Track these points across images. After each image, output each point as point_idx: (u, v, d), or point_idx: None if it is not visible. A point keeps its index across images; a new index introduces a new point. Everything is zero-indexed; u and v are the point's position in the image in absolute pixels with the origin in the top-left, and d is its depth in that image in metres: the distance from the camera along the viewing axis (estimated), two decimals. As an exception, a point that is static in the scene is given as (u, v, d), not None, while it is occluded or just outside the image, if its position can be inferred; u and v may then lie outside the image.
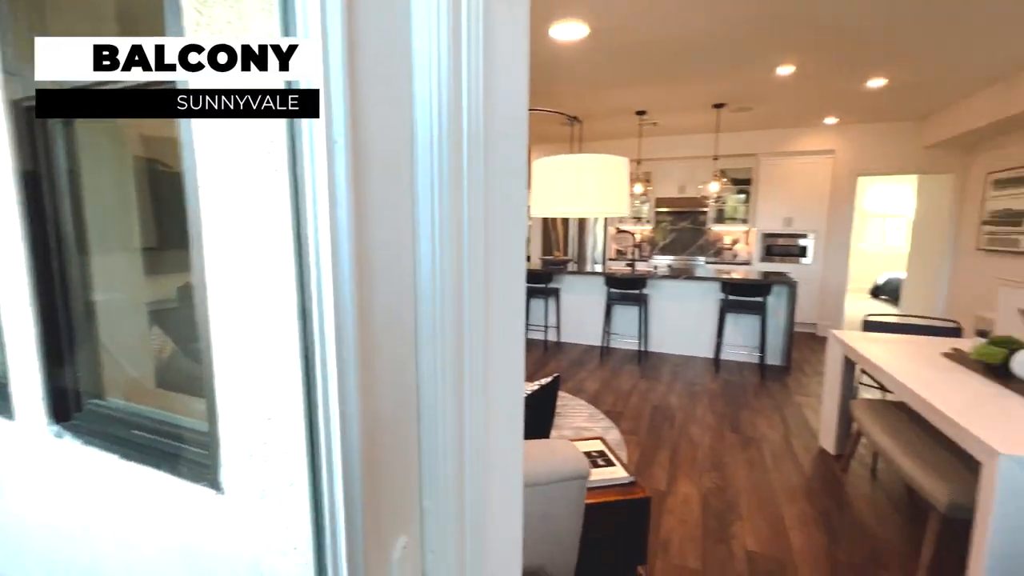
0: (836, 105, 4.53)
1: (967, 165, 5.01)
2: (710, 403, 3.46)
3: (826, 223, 5.60)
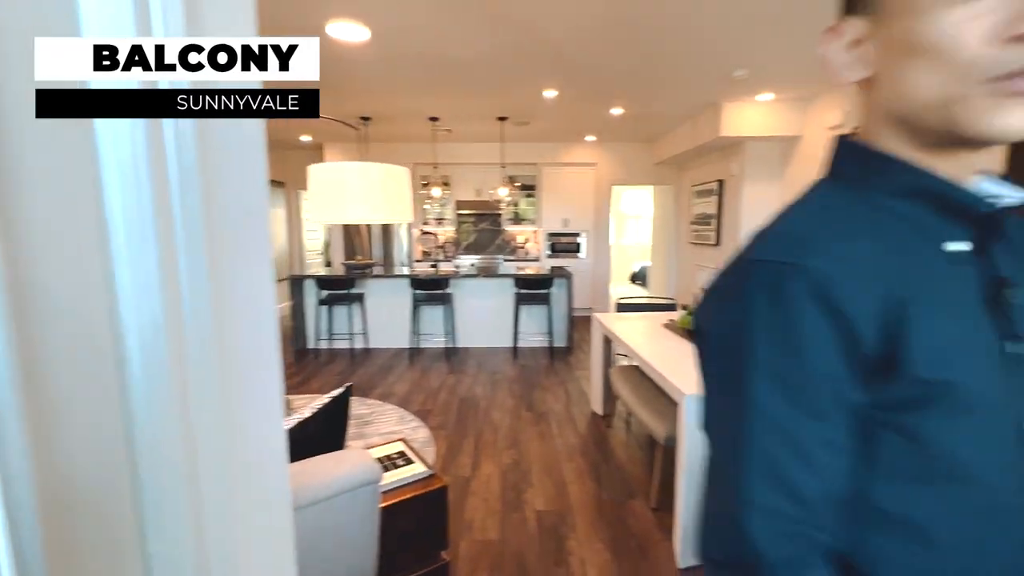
0: (592, 126, 5.47)
1: (680, 178, 6.62)
2: (509, 388, 3.84)
3: (593, 223, 6.72)
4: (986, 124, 0.38)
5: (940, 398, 0.39)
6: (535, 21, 2.58)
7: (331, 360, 4.62)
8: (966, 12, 0.36)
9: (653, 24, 2.62)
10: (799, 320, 0.40)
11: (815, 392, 0.40)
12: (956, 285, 0.41)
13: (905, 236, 0.42)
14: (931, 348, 0.39)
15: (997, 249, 0.42)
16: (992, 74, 0.36)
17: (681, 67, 3.36)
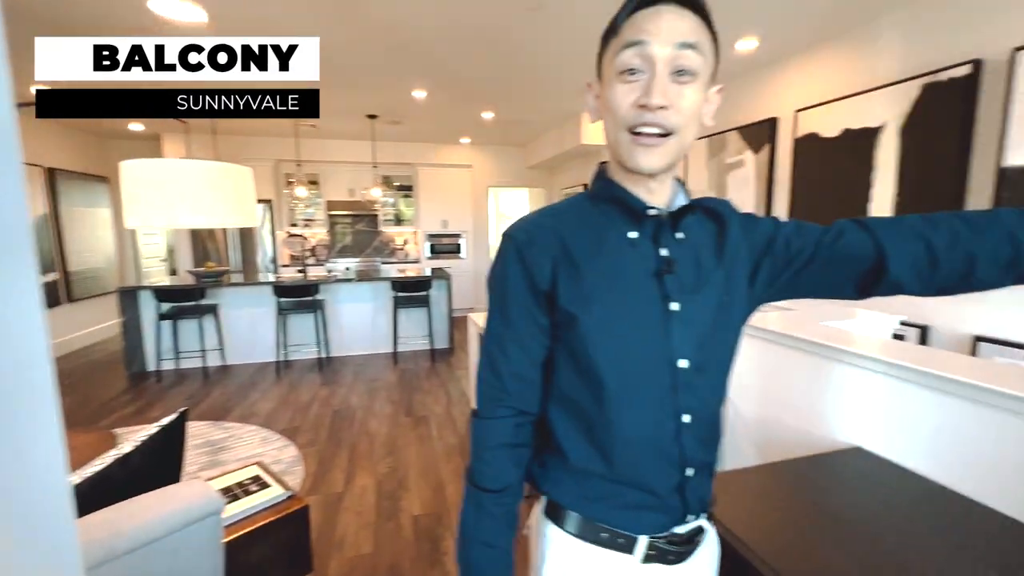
0: (466, 128, 5.54)
1: (551, 182, 7.02)
2: (388, 395, 3.73)
3: (472, 224, 6.82)
4: (631, 160, 0.60)
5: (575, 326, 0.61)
6: (397, 21, 2.54)
7: (178, 382, 4.04)
8: (623, 88, 0.58)
9: (512, 37, 2.75)
10: (508, 269, 0.65)
11: (515, 314, 0.65)
12: (637, 259, 0.63)
13: (606, 226, 0.64)
14: (576, 294, 0.61)
15: (664, 239, 0.63)
16: (628, 124, 0.58)
17: (543, 79, 3.57)
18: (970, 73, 2.08)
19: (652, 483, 0.63)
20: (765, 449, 1.52)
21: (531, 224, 0.66)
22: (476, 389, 0.68)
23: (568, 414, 0.65)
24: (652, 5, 0.56)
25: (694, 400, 0.62)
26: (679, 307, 0.61)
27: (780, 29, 2.65)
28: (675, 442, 0.62)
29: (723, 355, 0.66)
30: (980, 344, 2.10)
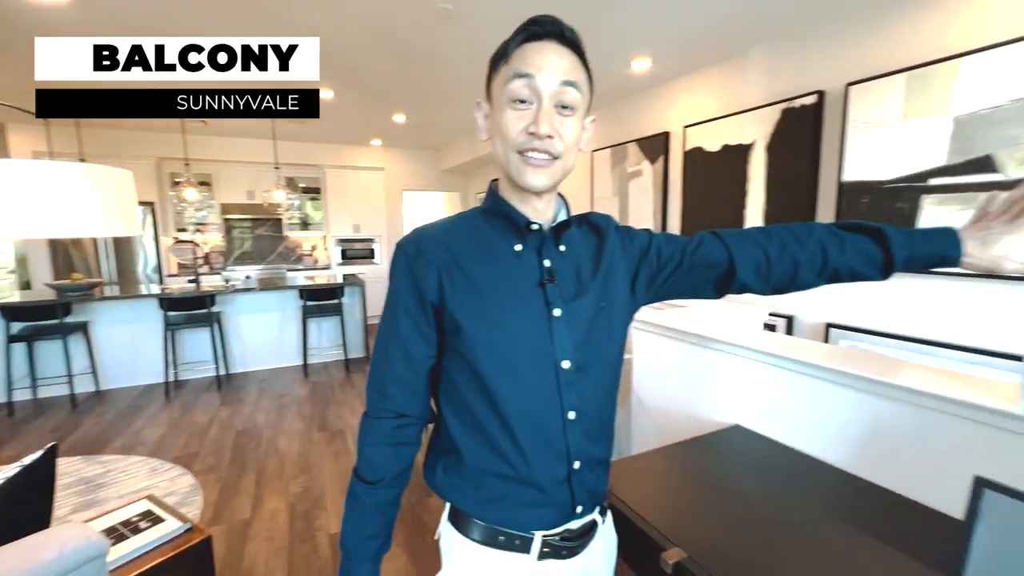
0: (376, 131, 5.40)
1: (466, 186, 7.06)
2: (299, 410, 3.52)
3: (386, 229, 6.64)
4: (521, 178, 0.66)
5: (463, 334, 0.66)
6: (298, 19, 2.42)
7: (37, 414, 3.48)
8: (514, 114, 0.64)
9: (424, 43, 2.74)
10: (397, 279, 0.70)
11: (401, 322, 0.69)
12: (522, 270, 0.69)
13: (495, 239, 0.71)
14: (463, 303, 0.66)
15: (547, 252, 0.70)
16: (519, 148, 0.64)
17: (455, 85, 3.60)
18: (816, 102, 2.47)
19: (541, 477, 0.68)
20: (664, 434, 1.68)
21: (421, 236, 0.70)
22: (366, 389, 0.74)
23: (463, 416, 0.70)
24: (539, 40, 0.63)
25: (578, 398, 0.69)
26: (560, 313, 0.68)
27: (668, 53, 2.94)
28: (562, 437, 0.68)
29: (605, 355, 0.72)
30: (831, 330, 2.49)
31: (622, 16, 2.43)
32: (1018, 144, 1.80)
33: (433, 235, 0.70)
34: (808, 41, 2.53)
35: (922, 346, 2.11)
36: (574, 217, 0.74)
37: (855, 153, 2.31)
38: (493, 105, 0.67)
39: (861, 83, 2.27)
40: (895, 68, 2.15)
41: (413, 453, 0.74)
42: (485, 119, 0.71)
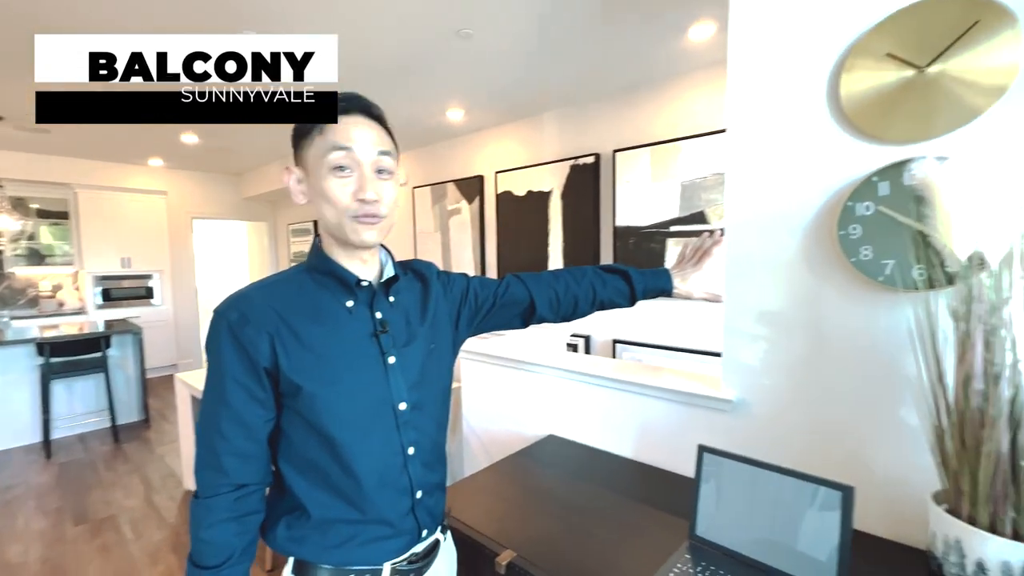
0: (157, 149, 4.60)
1: (276, 216, 6.46)
2: (38, 503, 2.69)
3: (170, 262, 5.60)
4: (356, 238, 0.71)
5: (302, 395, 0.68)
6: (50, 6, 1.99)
7: None
8: (337, 182, 0.69)
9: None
10: (222, 349, 0.68)
11: (231, 393, 0.68)
12: (356, 324, 0.74)
13: (325, 297, 0.73)
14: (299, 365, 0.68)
15: (378, 305, 0.76)
16: (352, 214, 0.70)
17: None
18: (594, 162, 3.07)
19: (389, 514, 0.73)
20: (491, 453, 1.84)
21: (244, 301, 0.69)
22: (195, 474, 0.70)
23: (307, 473, 0.71)
24: (348, 114, 0.70)
25: (416, 433, 0.76)
26: (395, 360, 0.75)
27: (479, 107, 3.29)
28: (403, 472, 0.75)
29: (437, 391, 0.82)
30: (617, 345, 3.05)
31: (436, 74, 2.66)
32: (717, 204, 2.55)
33: (257, 299, 0.70)
34: (586, 113, 3.14)
35: (677, 352, 2.76)
36: (399, 268, 0.83)
37: (623, 204, 2.94)
38: (309, 173, 0.71)
39: (623, 151, 2.92)
40: (643, 143, 2.83)
41: (259, 521, 0.72)
42: (299, 184, 0.73)
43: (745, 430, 1.21)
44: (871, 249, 0.99)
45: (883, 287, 0.98)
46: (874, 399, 1.01)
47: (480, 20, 2.08)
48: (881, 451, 1.01)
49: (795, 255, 1.10)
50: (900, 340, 0.95)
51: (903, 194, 0.94)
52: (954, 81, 0.91)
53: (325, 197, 0.69)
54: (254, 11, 2.00)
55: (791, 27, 1.09)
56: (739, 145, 1.17)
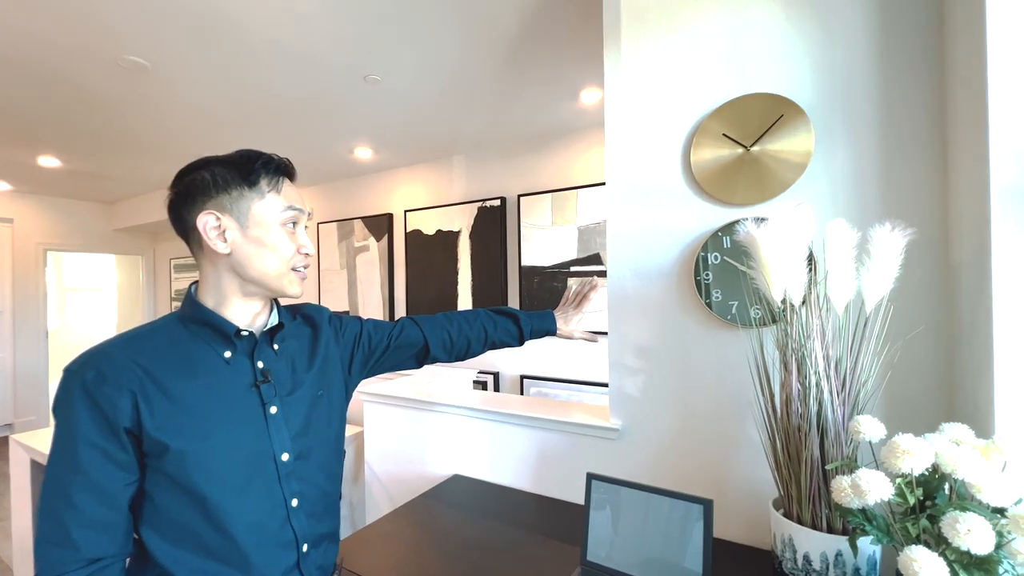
0: (4, 171, 3.98)
1: (155, 249, 5.82)
2: None
3: (11, 300, 4.76)
4: (292, 289, 0.76)
5: (169, 454, 0.64)
6: None
7: None
8: (288, 237, 0.75)
9: (106, 89, 2.31)
10: (74, 411, 0.63)
11: (85, 458, 0.62)
12: (233, 376, 0.72)
13: (199, 348, 0.71)
14: (165, 422, 0.64)
15: (261, 354, 0.75)
16: (294, 265, 0.76)
17: (134, 135, 3.07)
18: (500, 205, 3.23)
19: (270, 572, 0.70)
20: (395, 498, 1.78)
21: (102, 357, 0.65)
22: (35, 551, 0.63)
23: (174, 537, 0.66)
24: (285, 175, 0.77)
25: (300, 484, 0.75)
26: (276, 409, 0.73)
27: (387, 147, 3.33)
28: (287, 526, 0.73)
29: (326, 437, 0.81)
30: (525, 380, 3.14)
31: (343, 115, 2.67)
32: (610, 247, 2.81)
33: (117, 355, 0.66)
34: (492, 158, 3.33)
35: (581, 386, 2.91)
36: (287, 314, 0.83)
37: (528, 245, 3.11)
38: (248, 224, 0.72)
39: (526, 196, 3.11)
40: (544, 189, 3.06)
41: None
42: (221, 232, 0.71)
43: (629, 456, 1.33)
44: (720, 292, 1.18)
45: (730, 324, 1.17)
46: (727, 420, 1.17)
47: (387, 66, 2.16)
48: (734, 465, 1.17)
49: (664, 297, 1.27)
50: (744, 369, 1.13)
51: (737, 248, 1.14)
52: (772, 159, 1.14)
53: (272, 249, 0.73)
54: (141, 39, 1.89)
55: (651, 105, 1.29)
56: (616, 198, 1.34)
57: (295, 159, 0.84)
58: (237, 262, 0.72)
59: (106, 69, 2.12)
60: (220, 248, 0.71)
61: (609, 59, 1.35)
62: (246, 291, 0.74)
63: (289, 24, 1.80)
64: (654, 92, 1.29)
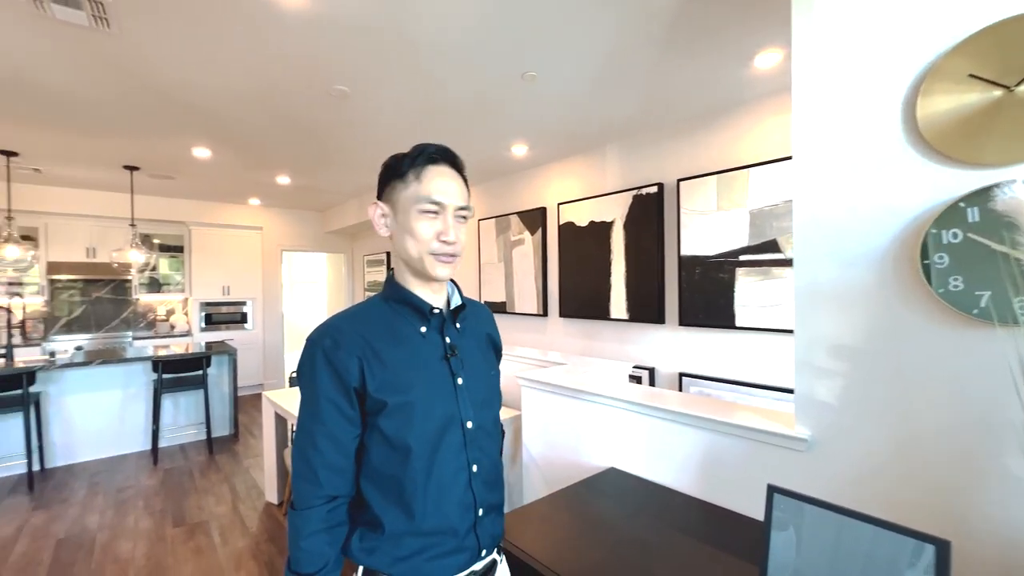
0: (256, 190, 5.18)
1: (352, 248, 6.96)
2: (146, 504, 3.00)
3: (262, 290, 6.19)
4: (433, 272, 0.80)
5: (385, 410, 0.75)
6: (180, 84, 2.37)
7: None
8: (425, 223, 0.79)
9: (316, 116, 2.83)
10: (317, 373, 0.76)
11: (325, 411, 0.76)
12: (430, 349, 0.82)
13: (401, 323, 0.82)
14: (383, 383, 0.75)
15: (448, 331, 0.84)
16: (433, 251, 0.79)
17: (344, 155, 3.69)
18: (657, 192, 3.05)
19: (456, 526, 0.78)
20: (550, 483, 1.83)
21: (335, 330, 0.78)
22: (292, 483, 0.78)
23: (382, 488, 0.77)
24: (437, 164, 0.80)
25: (479, 452, 0.83)
26: (463, 381, 0.82)
27: (542, 143, 3.41)
28: (468, 489, 0.80)
29: (495, 414, 0.89)
30: (683, 378, 2.93)
31: (502, 115, 2.81)
32: (791, 232, 2.44)
33: (346, 327, 0.78)
34: (649, 143, 3.16)
35: (746, 387, 2.61)
36: (466, 301, 0.91)
37: (688, 233, 2.88)
38: (398, 211, 0.81)
39: (686, 180, 2.88)
40: (708, 171, 2.79)
41: (345, 533, 0.79)
42: (383, 218, 0.83)
43: (819, 472, 1.13)
44: (962, 280, 0.92)
45: (977, 321, 0.90)
46: (970, 444, 0.91)
47: (544, 62, 2.20)
48: (980, 503, 0.90)
49: (873, 287, 1.04)
50: (999, 380, 0.86)
51: (995, 220, 0.87)
52: (1050, 100, 0.84)
53: (411, 234, 0.79)
54: (343, 69, 2.26)
55: (858, 53, 1.06)
56: (807, 172, 1.15)
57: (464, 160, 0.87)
58: (394, 245, 0.83)
59: (318, 99, 2.59)
60: (383, 232, 0.84)
61: (799, 5, 1.15)
62: (413, 272, 0.83)
63: (456, 33, 1.96)
64: (859, 38, 1.06)
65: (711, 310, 2.76)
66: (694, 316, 2.84)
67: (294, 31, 1.91)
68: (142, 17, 1.81)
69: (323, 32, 1.93)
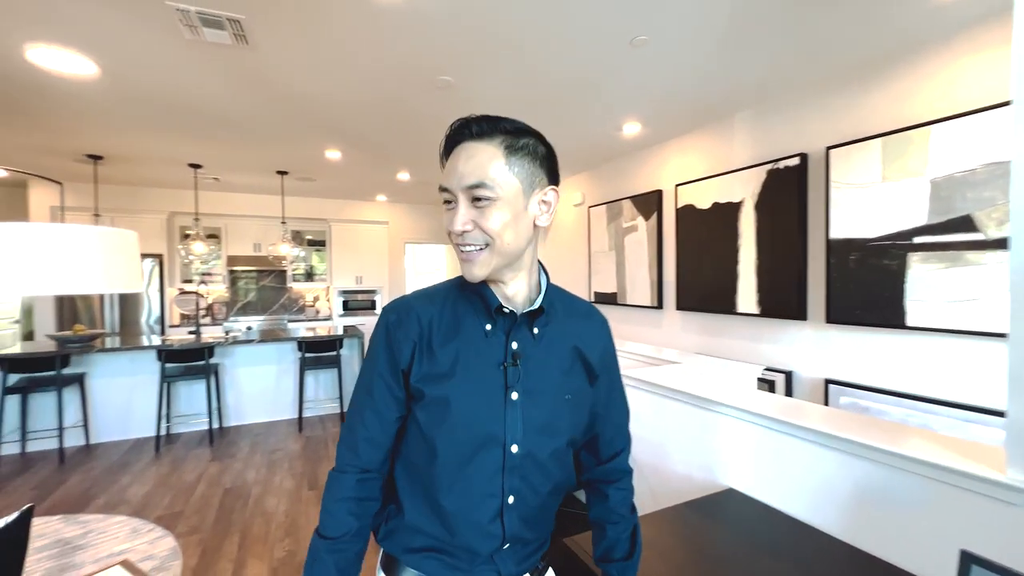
0: (382, 187, 5.61)
1: (468, 239, 7.23)
2: (290, 466, 3.43)
3: (388, 280, 6.74)
4: (463, 271, 0.71)
5: (423, 400, 0.70)
6: (308, 91, 2.60)
7: (22, 469, 3.40)
8: (447, 216, 0.69)
9: (424, 110, 2.92)
10: (377, 347, 0.74)
11: (376, 386, 0.73)
12: (489, 351, 0.71)
13: (466, 314, 0.73)
14: (427, 373, 0.69)
15: (517, 335, 0.72)
16: (455, 244, 0.70)
17: (455, 145, 3.78)
18: (799, 164, 2.58)
19: (476, 548, 0.70)
20: (657, 494, 1.63)
21: (403, 307, 0.74)
22: (337, 445, 0.75)
23: (410, 475, 0.74)
24: (456, 146, 0.68)
25: (521, 483, 0.70)
26: (518, 397, 0.69)
27: (657, 118, 3.10)
28: (497, 520, 0.70)
29: (557, 446, 0.73)
30: (830, 386, 2.46)
31: (611, 88, 2.60)
32: (995, 205, 1.86)
33: (412, 307, 0.73)
34: (788, 107, 2.68)
35: (919, 403, 2.08)
36: (560, 302, 0.77)
37: (840, 212, 2.39)
38: None
39: (838, 147, 2.38)
40: (870, 134, 2.26)
41: (374, 509, 0.75)
42: None
43: (1053, 539, 0.80)
44: None
45: None
46: None
47: (656, 23, 1.95)
48: None
49: None
50: None
51: None
52: None
53: None
54: (446, 59, 2.26)
55: None
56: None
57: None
58: None
59: (426, 90, 2.65)
60: None
61: None
62: None
63: (554, 5, 1.82)
64: None
65: (872, 305, 2.26)
66: (848, 312, 2.35)
67: (396, 25, 1.95)
68: (270, 30, 1.99)
69: (423, 21, 1.93)
